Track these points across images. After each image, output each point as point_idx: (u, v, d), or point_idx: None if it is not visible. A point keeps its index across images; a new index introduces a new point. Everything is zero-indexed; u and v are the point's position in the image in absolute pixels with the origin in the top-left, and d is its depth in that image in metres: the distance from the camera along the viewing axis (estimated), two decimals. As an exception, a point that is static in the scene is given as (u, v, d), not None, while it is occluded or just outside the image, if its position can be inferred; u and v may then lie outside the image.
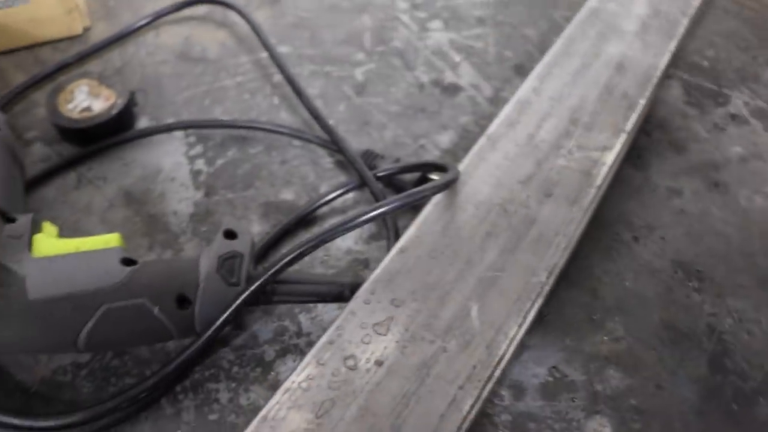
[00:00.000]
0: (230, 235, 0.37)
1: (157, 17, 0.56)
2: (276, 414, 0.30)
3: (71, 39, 0.56)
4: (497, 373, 0.32)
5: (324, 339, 0.32)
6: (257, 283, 0.34)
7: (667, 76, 0.54)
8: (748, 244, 0.44)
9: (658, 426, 0.35)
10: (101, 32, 0.57)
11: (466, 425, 0.30)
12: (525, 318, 0.34)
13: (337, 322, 0.33)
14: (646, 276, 0.41)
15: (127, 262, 0.35)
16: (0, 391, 0.35)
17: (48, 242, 0.36)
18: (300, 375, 0.31)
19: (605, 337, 0.38)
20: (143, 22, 0.56)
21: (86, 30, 0.57)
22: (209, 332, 0.34)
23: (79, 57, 0.53)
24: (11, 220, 0.36)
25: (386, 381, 0.31)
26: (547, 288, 0.35)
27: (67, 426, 0.33)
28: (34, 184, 0.45)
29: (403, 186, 0.44)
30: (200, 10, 0.59)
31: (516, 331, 0.33)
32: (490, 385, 0.31)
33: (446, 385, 0.31)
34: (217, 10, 0.59)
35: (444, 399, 0.30)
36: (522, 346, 0.37)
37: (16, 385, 0.36)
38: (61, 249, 0.36)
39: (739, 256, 0.43)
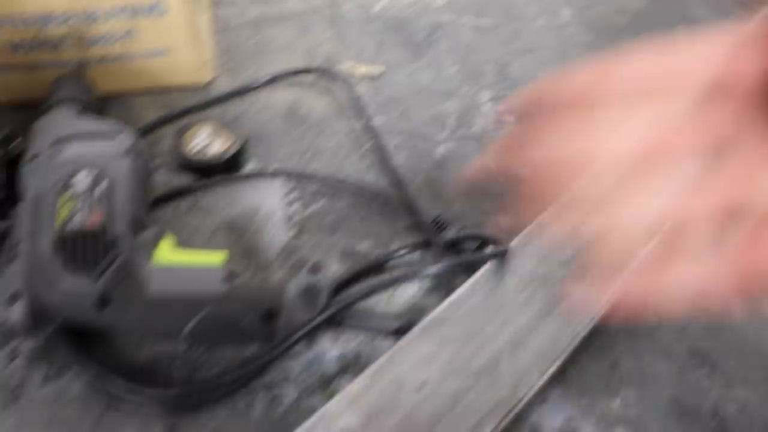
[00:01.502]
0: (314, 270, 0.45)
1: (273, 79, 0.66)
2: (332, 412, 0.37)
3: (197, 88, 0.66)
4: (515, 411, 0.38)
5: (381, 360, 0.40)
6: (330, 312, 0.43)
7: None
8: (763, 344, 0.49)
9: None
10: (223, 84, 0.67)
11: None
12: (546, 371, 0.40)
13: (393, 349, 0.40)
14: (662, 358, 0.47)
15: (230, 277, 0.43)
16: (113, 364, 0.44)
17: (168, 250, 0.45)
18: (356, 385, 0.38)
19: (618, 403, 0.44)
20: (261, 81, 0.66)
21: (212, 81, 0.67)
22: (287, 343, 0.42)
23: (204, 104, 0.63)
24: (145, 229, 0.45)
25: (425, 402, 0.38)
26: (568, 351, 0.42)
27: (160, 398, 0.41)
28: (156, 202, 0.54)
29: (464, 250, 0.51)
30: (309, 77, 0.68)
31: (535, 382, 0.40)
32: (507, 420, 0.38)
33: (472, 414, 0.38)
34: (324, 79, 0.68)
35: (469, 423, 0.37)
36: (544, 398, 0.43)
37: (126, 361, 0.44)
38: (178, 258, 0.44)
39: (752, 352, 0.48)
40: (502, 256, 0.47)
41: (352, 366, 0.44)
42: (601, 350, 0.47)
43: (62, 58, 0.60)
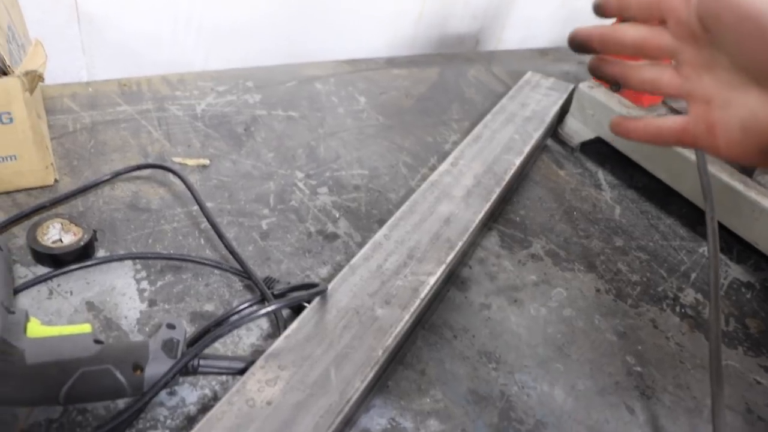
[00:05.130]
0: (170, 326, 0.54)
1: (114, 176, 0.74)
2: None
3: (43, 188, 0.73)
4: (346, 410, 0.49)
5: (233, 389, 0.49)
6: (187, 358, 0.51)
7: (488, 228, 0.76)
8: (532, 339, 0.63)
9: (455, 452, 0.52)
10: (68, 183, 0.74)
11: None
12: (366, 377, 0.51)
13: (244, 376, 0.50)
14: (459, 361, 0.60)
15: (97, 341, 0.51)
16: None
17: (38, 328, 0.52)
18: (217, 410, 0.48)
19: (428, 400, 0.56)
20: (103, 179, 0.74)
21: (56, 181, 0.74)
22: (154, 390, 0.50)
23: (52, 202, 0.70)
24: (12, 312, 0.52)
25: (274, 414, 0.48)
26: (382, 360, 0.53)
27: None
28: (17, 292, 0.60)
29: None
30: (147, 172, 0.77)
31: (359, 386, 0.51)
32: (340, 418, 0.49)
33: (312, 418, 0.48)
34: (159, 173, 0.78)
35: (309, 426, 0.47)
36: (369, 407, 0.54)
37: None
38: (48, 333, 0.52)
39: (525, 346, 0.63)
40: (323, 294, 0.58)
41: (210, 406, 0.53)
42: (411, 362, 0.59)
43: None
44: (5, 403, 0.51)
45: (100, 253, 0.66)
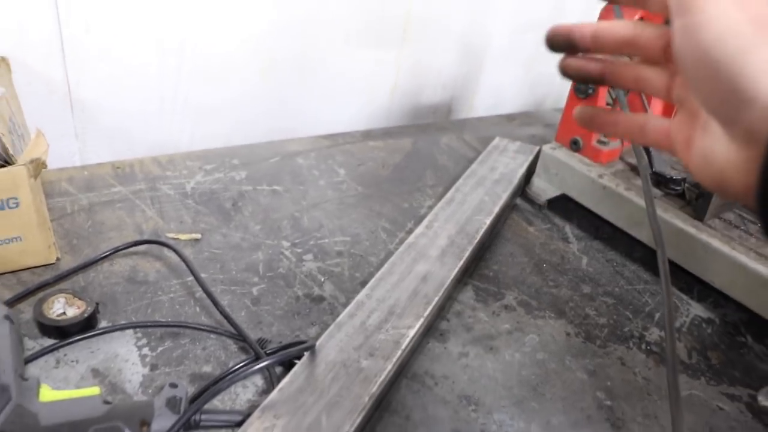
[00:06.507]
0: (173, 386, 0.59)
1: (114, 252, 0.80)
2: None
3: (46, 266, 0.78)
4: (337, 451, 0.54)
5: (232, 437, 0.54)
6: (191, 412, 0.56)
7: (463, 283, 0.82)
8: (508, 381, 0.68)
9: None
10: (68, 262, 0.79)
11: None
12: (354, 422, 0.56)
13: (242, 427, 0.55)
14: (441, 405, 0.65)
15: (106, 402, 0.56)
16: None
17: (49, 393, 0.57)
18: (218, 456, 0.52)
19: (413, 443, 0.61)
20: (102, 255, 0.79)
21: (58, 260, 0.80)
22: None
23: (55, 278, 0.75)
24: (25, 380, 0.57)
25: (270, 458, 0.53)
26: (368, 406, 0.58)
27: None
28: (25, 363, 0.65)
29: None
30: (143, 247, 0.83)
31: (348, 429, 0.55)
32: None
33: (306, 459, 0.53)
34: (155, 248, 0.83)
35: (304, 463, 0.52)
36: (359, 448, 0.59)
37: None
38: (59, 397, 0.57)
39: (502, 389, 0.68)
40: (312, 350, 0.64)
41: (213, 458, 0.58)
42: (396, 408, 0.64)
43: None
44: (22, 464, 0.55)
45: (103, 323, 0.71)
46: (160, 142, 1.12)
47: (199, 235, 0.87)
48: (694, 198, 0.88)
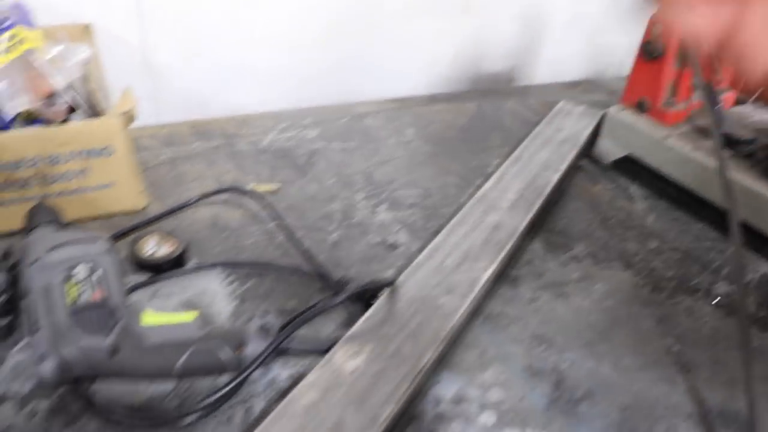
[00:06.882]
0: (264, 314, 0.63)
1: (199, 199, 0.84)
2: (297, 394, 0.54)
3: (135, 213, 0.83)
4: (419, 377, 0.57)
5: (323, 360, 0.58)
6: (282, 337, 0.60)
7: (532, 236, 0.84)
8: (578, 325, 0.71)
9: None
10: (155, 209, 0.84)
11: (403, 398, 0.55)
12: (436, 351, 0.59)
13: (332, 351, 0.58)
14: (515, 343, 0.68)
15: (204, 325, 0.60)
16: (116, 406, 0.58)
17: (151, 317, 0.61)
18: (311, 376, 0.56)
19: (490, 374, 0.64)
20: (189, 201, 0.84)
21: (146, 207, 0.84)
22: (254, 365, 0.58)
23: (146, 221, 0.80)
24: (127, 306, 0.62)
25: (358, 379, 0.56)
26: (447, 338, 0.61)
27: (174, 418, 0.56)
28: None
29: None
30: (223, 197, 0.87)
31: (430, 356, 0.59)
32: (415, 383, 0.56)
33: (389, 383, 0.56)
34: (235, 198, 0.87)
35: (388, 389, 0.55)
36: (438, 380, 0.62)
37: (125, 404, 0.59)
38: (160, 320, 0.61)
39: (572, 331, 0.70)
40: (393, 286, 0.67)
41: (300, 380, 0.61)
42: (472, 343, 0.67)
43: (27, 195, 0.76)
44: (130, 378, 0.59)
45: (192, 263, 0.75)
46: (232, 105, 1.16)
47: (276, 186, 0.90)
48: (764, 158, 0.88)
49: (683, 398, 0.64)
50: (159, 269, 0.73)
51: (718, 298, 0.77)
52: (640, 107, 1.01)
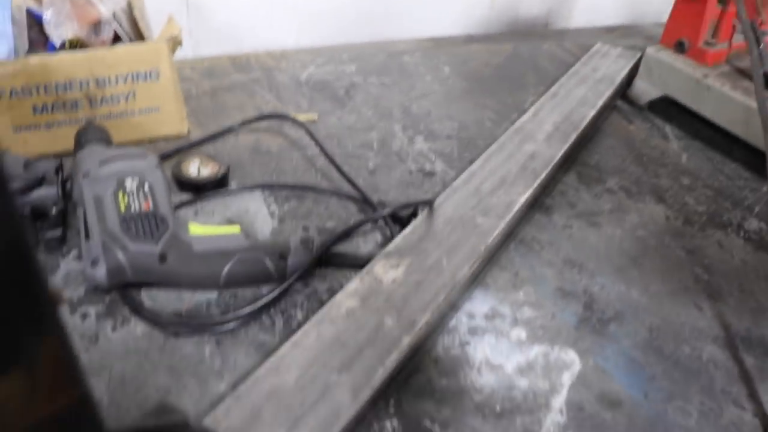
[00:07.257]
0: (305, 229, 0.65)
1: (241, 124, 0.87)
2: (338, 300, 0.57)
3: (178, 138, 0.85)
4: (456, 289, 0.59)
5: (363, 271, 0.60)
6: (323, 249, 0.62)
7: (566, 168, 0.85)
8: (609, 251, 0.72)
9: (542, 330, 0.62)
10: (197, 135, 0.86)
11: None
12: (472, 265, 0.62)
13: (372, 263, 0.61)
14: (547, 266, 0.70)
15: (248, 236, 0.63)
16: (163, 312, 0.61)
17: (198, 228, 0.64)
18: (351, 285, 0.58)
19: (522, 294, 0.66)
20: (232, 126, 0.86)
21: (188, 132, 0.87)
22: (297, 275, 0.61)
23: (189, 145, 0.83)
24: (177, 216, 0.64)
25: (397, 289, 0.58)
26: (483, 256, 0.63)
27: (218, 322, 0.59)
28: (171, 213, 0.72)
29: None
30: (264, 124, 0.89)
31: (467, 271, 0.61)
32: (453, 294, 0.59)
33: (427, 293, 0.58)
34: (275, 125, 0.89)
35: (426, 299, 0.58)
36: (471, 297, 0.64)
37: (171, 311, 0.62)
38: (206, 231, 0.63)
39: (604, 257, 0.72)
40: (430, 206, 0.69)
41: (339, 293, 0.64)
42: (506, 265, 0.69)
43: (76, 117, 0.78)
44: (178, 285, 0.62)
45: (233, 186, 0.78)
46: (269, 41, 1.18)
47: (315, 116, 0.92)
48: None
49: (710, 323, 0.65)
50: (202, 189, 0.76)
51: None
52: (680, 47, 1.01)
